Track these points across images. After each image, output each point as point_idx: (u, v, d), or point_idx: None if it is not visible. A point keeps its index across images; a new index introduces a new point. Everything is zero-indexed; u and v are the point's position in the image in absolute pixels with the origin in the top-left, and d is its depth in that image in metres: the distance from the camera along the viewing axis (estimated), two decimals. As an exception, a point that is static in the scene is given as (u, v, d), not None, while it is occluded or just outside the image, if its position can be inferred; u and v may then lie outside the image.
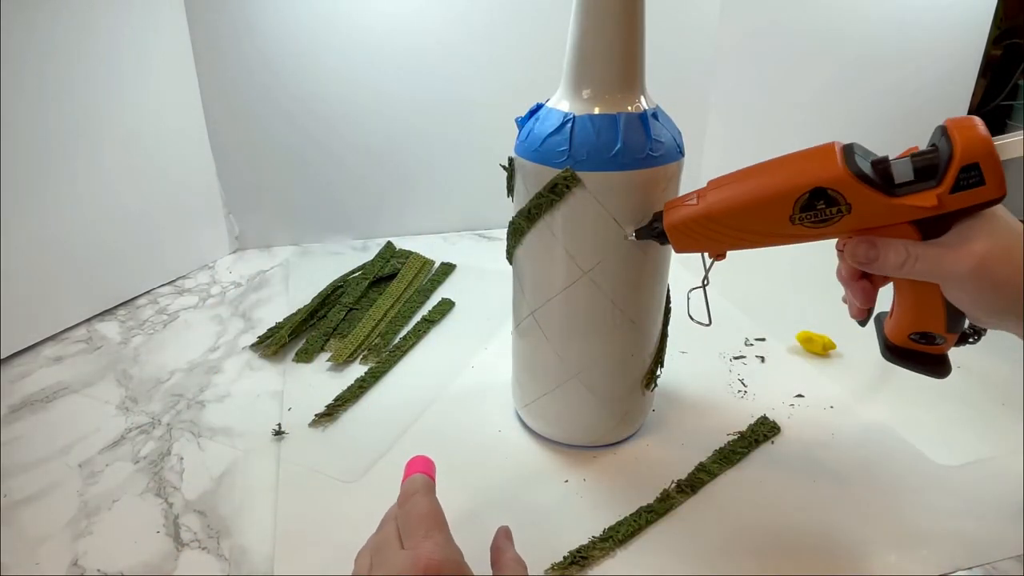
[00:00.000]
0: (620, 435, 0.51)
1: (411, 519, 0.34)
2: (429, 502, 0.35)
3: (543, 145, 0.42)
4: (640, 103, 0.42)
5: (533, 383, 0.50)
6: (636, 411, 0.51)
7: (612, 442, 0.51)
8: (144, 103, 0.72)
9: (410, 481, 0.37)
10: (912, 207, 0.36)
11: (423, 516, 0.34)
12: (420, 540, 0.33)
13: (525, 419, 0.53)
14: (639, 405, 0.51)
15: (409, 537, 0.33)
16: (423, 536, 0.33)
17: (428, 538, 0.33)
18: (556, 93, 0.44)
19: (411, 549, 0.32)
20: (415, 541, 0.33)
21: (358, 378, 0.59)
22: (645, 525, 0.44)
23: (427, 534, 0.33)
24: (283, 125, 0.82)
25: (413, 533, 0.33)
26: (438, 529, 0.33)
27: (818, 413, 0.55)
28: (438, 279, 0.78)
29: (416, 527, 0.33)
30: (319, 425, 0.54)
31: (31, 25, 0.61)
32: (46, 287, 0.66)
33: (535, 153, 0.42)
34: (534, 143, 0.43)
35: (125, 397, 0.58)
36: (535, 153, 0.42)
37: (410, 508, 0.35)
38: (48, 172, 0.65)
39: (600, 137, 0.40)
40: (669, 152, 0.42)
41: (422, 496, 0.35)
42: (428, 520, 0.34)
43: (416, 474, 0.37)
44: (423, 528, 0.33)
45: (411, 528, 0.34)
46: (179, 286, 0.78)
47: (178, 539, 0.44)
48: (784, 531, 0.44)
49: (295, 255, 0.86)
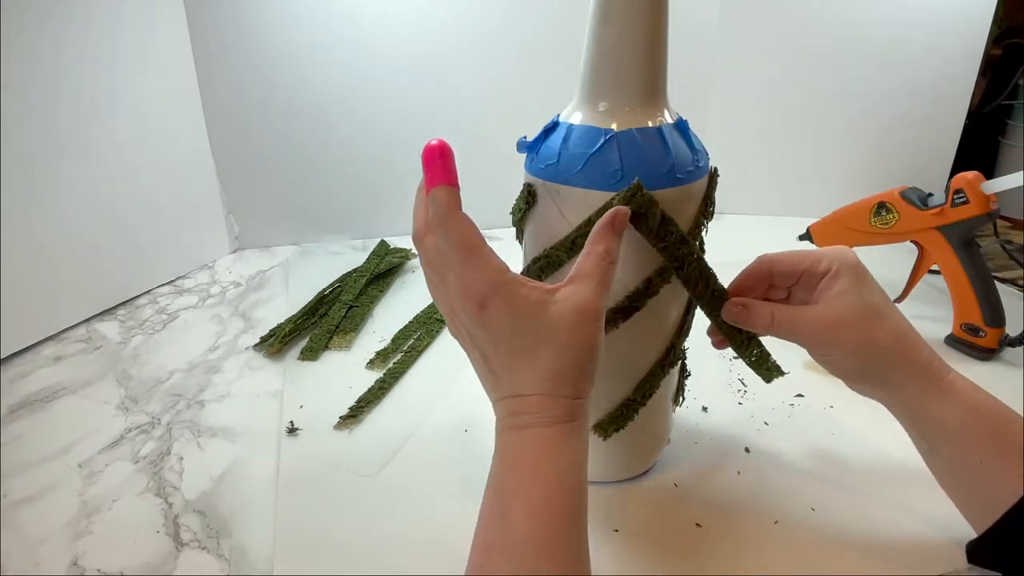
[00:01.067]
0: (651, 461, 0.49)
1: (450, 247, 0.34)
2: (458, 226, 0.34)
3: (586, 166, 0.38)
4: (668, 112, 0.40)
5: None
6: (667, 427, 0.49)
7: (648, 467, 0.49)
8: (144, 103, 0.72)
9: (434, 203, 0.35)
10: (930, 215, 0.62)
11: (460, 243, 0.34)
12: (462, 270, 0.34)
13: None
14: (668, 422, 0.49)
15: (452, 266, 0.34)
16: (463, 265, 0.34)
17: (468, 267, 0.34)
18: (569, 107, 0.41)
19: (457, 279, 0.34)
20: (457, 271, 0.34)
21: (378, 379, 0.59)
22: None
23: (466, 262, 0.34)
24: (283, 125, 0.82)
25: (454, 262, 0.34)
26: (476, 254, 0.34)
27: (818, 413, 0.55)
28: None
29: (455, 256, 0.34)
30: (344, 427, 0.54)
31: (31, 25, 0.61)
32: (46, 287, 0.66)
33: (578, 176, 0.38)
34: (572, 165, 0.38)
35: (125, 397, 0.58)
36: (578, 176, 0.38)
37: (445, 236, 0.34)
38: (48, 172, 0.65)
39: (650, 152, 0.38)
40: (706, 162, 0.41)
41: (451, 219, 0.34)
42: (465, 247, 0.34)
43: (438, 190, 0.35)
44: (462, 255, 0.34)
45: (451, 257, 0.34)
46: (179, 286, 0.78)
47: (178, 539, 0.44)
48: (783, 531, 0.44)
49: (295, 255, 0.86)
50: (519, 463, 0.33)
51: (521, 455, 0.33)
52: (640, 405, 0.43)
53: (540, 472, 0.32)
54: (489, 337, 0.34)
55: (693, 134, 0.41)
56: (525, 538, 0.30)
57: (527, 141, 0.42)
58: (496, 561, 0.31)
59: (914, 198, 0.64)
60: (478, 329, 0.34)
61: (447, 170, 0.36)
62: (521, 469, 0.33)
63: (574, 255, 0.38)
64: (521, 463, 0.33)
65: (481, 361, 0.36)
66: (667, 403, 0.47)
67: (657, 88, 0.39)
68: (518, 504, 0.31)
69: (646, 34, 0.37)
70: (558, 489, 0.32)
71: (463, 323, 0.35)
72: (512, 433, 0.34)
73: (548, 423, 0.33)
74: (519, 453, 0.33)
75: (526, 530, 0.31)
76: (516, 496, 0.32)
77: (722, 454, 0.51)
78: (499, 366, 0.34)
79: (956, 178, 0.60)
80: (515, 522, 0.31)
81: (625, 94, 0.38)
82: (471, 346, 0.36)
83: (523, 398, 0.33)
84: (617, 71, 0.38)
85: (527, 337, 0.33)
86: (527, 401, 0.33)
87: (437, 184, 0.35)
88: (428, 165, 0.36)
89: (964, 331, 0.63)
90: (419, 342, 0.66)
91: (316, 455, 0.51)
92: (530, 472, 0.32)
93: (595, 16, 0.37)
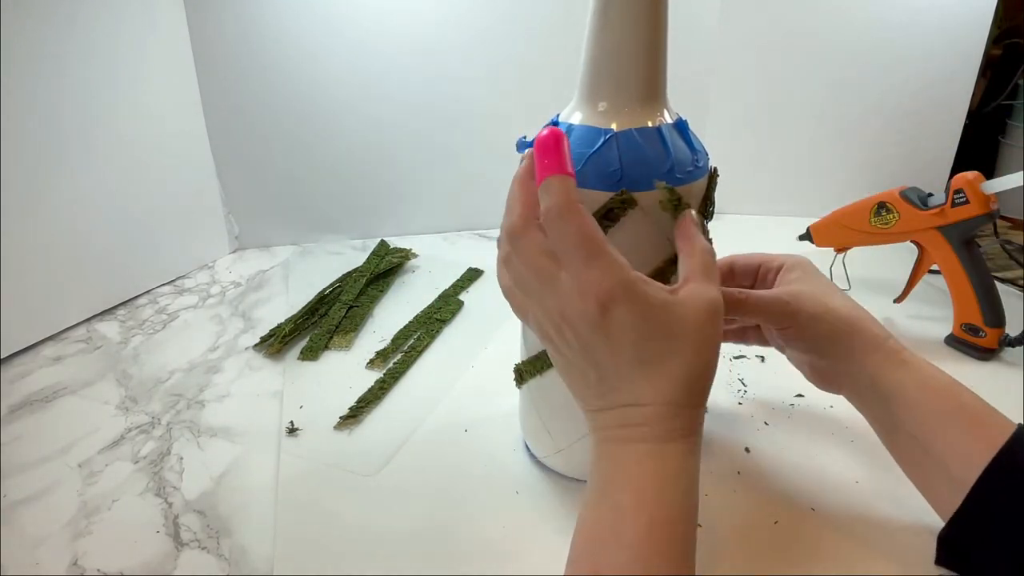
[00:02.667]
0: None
1: (567, 243, 0.31)
2: (579, 220, 0.31)
3: (586, 166, 0.38)
4: (668, 112, 0.40)
5: (571, 423, 0.44)
6: None
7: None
8: (144, 103, 0.72)
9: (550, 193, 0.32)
10: (930, 215, 0.62)
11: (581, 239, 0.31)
12: (582, 268, 0.31)
13: (557, 467, 0.48)
14: None
15: (569, 265, 0.31)
16: (584, 263, 0.31)
17: (591, 266, 0.30)
18: (569, 106, 0.40)
19: (574, 278, 0.31)
20: (575, 269, 0.31)
21: (378, 379, 0.59)
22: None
23: (588, 260, 0.31)
24: (283, 125, 0.82)
25: (572, 260, 0.31)
26: (599, 251, 0.31)
27: (818, 413, 0.55)
28: (462, 284, 0.77)
29: (574, 253, 0.31)
30: (344, 428, 0.54)
31: (30, 25, 0.61)
32: (46, 287, 0.66)
33: (577, 176, 0.37)
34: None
35: (125, 397, 0.58)
36: (577, 176, 0.37)
37: (563, 230, 0.31)
38: (48, 172, 0.65)
39: (650, 152, 0.38)
40: (706, 162, 0.41)
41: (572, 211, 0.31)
42: (587, 243, 0.31)
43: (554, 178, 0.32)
44: (583, 252, 0.31)
45: (568, 254, 0.31)
46: (179, 286, 0.78)
47: (178, 539, 0.44)
48: (783, 531, 0.44)
49: (295, 255, 0.86)
50: (639, 481, 0.31)
51: (641, 472, 0.31)
52: None
53: (662, 494, 0.30)
54: (609, 343, 0.31)
55: (693, 134, 0.41)
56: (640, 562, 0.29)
57: (527, 141, 0.42)
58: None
59: (914, 198, 0.64)
60: (598, 335, 0.31)
61: (562, 159, 0.32)
62: (641, 488, 0.30)
63: None
64: (641, 481, 0.31)
65: (591, 370, 0.32)
66: None
67: (657, 88, 0.39)
68: (637, 528, 0.30)
69: (646, 34, 0.37)
70: (680, 513, 0.30)
71: (575, 330, 0.32)
72: (627, 446, 0.31)
73: (671, 438, 0.31)
74: (638, 470, 0.31)
75: (645, 556, 0.29)
76: (636, 519, 0.30)
77: (722, 454, 0.51)
78: (616, 374, 0.32)
79: (956, 178, 0.60)
80: (633, 546, 0.29)
81: (625, 94, 0.38)
82: (580, 355, 0.32)
83: (642, 408, 0.31)
84: (617, 71, 0.38)
85: (657, 343, 0.31)
86: (647, 411, 0.31)
87: (552, 173, 0.32)
88: (543, 153, 0.33)
89: (964, 331, 0.63)
90: (419, 342, 0.66)
91: (316, 455, 0.51)
92: (651, 493, 0.30)
93: (595, 16, 0.37)
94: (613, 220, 0.38)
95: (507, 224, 0.34)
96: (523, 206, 0.34)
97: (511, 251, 0.34)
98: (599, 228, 0.32)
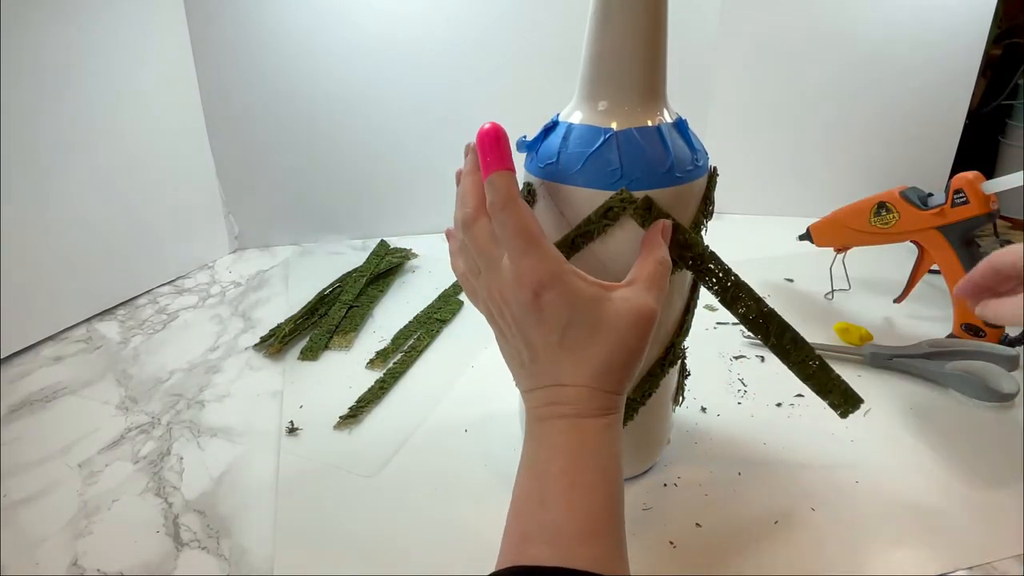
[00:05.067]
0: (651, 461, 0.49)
1: (506, 234, 0.34)
2: (518, 213, 0.34)
3: (586, 165, 0.38)
4: (667, 112, 0.40)
5: None
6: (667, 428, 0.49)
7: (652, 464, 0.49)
8: (144, 103, 0.72)
9: (493, 188, 0.35)
10: (930, 215, 0.62)
11: (518, 231, 0.34)
12: (518, 257, 0.34)
13: None
14: (668, 422, 0.49)
15: (509, 253, 0.34)
16: (521, 253, 0.34)
17: (527, 255, 0.33)
18: (569, 106, 0.41)
19: (513, 265, 0.34)
20: (514, 257, 0.34)
21: (378, 379, 0.59)
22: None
23: (525, 250, 0.34)
24: (283, 125, 0.82)
25: (511, 250, 0.34)
26: (535, 243, 0.34)
27: (818, 413, 0.55)
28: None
29: (512, 243, 0.34)
30: (344, 427, 0.54)
31: (31, 25, 0.61)
32: (46, 287, 0.66)
33: (577, 175, 0.38)
34: (571, 164, 0.38)
35: (125, 397, 0.58)
36: (577, 175, 0.38)
37: (504, 222, 0.34)
38: (48, 172, 0.65)
39: (650, 152, 0.38)
40: (705, 161, 0.41)
41: (512, 205, 0.34)
42: (523, 235, 0.34)
43: (496, 175, 0.35)
44: (520, 243, 0.34)
45: (508, 244, 0.34)
46: (179, 286, 0.78)
47: (178, 539, 0.44)
48: (783, 531, 0.44)
49: (295, 255, 0.86)
50: (560, 451, 0.33)
51: (562, 443, 0.33)
52: (640, 405, 0.43)
53: (581, 461, 0.32)
54: (540, 327, 0.34)
55: (692, 133, 0.41)
56: (566, 526, 0.30)
57: (527, 140, 0.42)
58: (535, 550, 0.30)
59: (914, 198, 0.64)
60: (530, 318, 0.34)
61: (503, 155, 0.35)
62: (562, 457, 0.33)
63: (574, 254, 0.39)
64: (562, 451, 0.33)
65: (524, 349, 0.35)
66: (667, 403, 0.47)
67: (656, 87, 0.39)
68: (559, 492, 0.31)
69: (646, 34, 0.37)
70: (601, 478, 0.32)
71: (511, 311, 0.35)
72: (551, 422, 0.34)
73: (589, 414, 0.33)
74: (560, 441, 0.33)
75: (567, 519, 0.31)
76: (557, 484, 0.32)
77: (722, 454, 0.51)
78: (545, 356, 0.35)
79: (956, 178, 0.60)
80: (555, 510, 0.31)
81: (625, 94, 0.38)
82: (515, 335, 0.36)
83: (564, 388, 0.34)
84: (617, 71, 0.38)
85: (582, 330, 0.34)
86: (568, 391, 0.34)
87: (495, 169, 0.35)
88: (485, 150, 0.35)
89: (964, 331, 0.63)
90: (419, 342, 0.66)
91: (316, 455, 0.51)
92: (571, 460, 0.32)
93: (595, 16, 0.37)
94: (613, 219, 0.38)
95: (461, 215, 0.37)
96: (475, 198, 0.37)
97: (465, 238, 0.37)
98: (536, 221, 0.34)
